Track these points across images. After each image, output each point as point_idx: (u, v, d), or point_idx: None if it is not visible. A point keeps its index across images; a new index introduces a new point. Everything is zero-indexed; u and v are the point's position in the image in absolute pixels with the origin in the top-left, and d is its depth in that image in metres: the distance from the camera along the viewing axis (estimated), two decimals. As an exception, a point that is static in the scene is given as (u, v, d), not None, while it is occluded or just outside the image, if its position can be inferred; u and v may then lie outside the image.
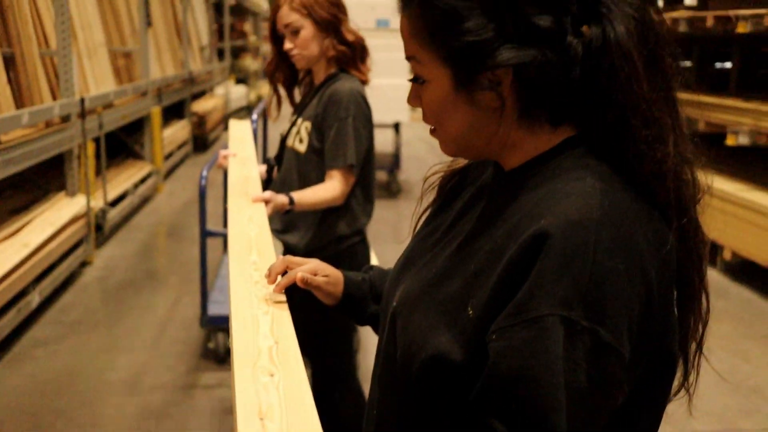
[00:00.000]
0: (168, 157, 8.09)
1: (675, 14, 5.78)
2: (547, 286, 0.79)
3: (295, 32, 2.24)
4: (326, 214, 2.32)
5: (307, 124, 2.31)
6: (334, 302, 1.25)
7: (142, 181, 6.85)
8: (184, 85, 9.26)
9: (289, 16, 2.23)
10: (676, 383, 0.92)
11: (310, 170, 2.31)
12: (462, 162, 1.10)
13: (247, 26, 16.49)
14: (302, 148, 2.31)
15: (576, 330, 0.77)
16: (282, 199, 2.13)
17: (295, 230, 2.38)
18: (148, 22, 7.26)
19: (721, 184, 5.15)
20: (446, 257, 0.97)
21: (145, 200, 6.86)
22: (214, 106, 10.73)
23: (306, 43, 2.24)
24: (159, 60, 8.35)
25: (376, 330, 1.25)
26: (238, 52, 15.68)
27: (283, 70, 2.35)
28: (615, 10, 0.87)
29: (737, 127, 4.97)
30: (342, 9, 2.29)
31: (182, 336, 3.89)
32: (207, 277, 3.56)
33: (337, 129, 2.25)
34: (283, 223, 2.39)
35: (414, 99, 0.98)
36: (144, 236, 5.91)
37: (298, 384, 0.93)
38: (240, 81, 14.86)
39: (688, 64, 8.43)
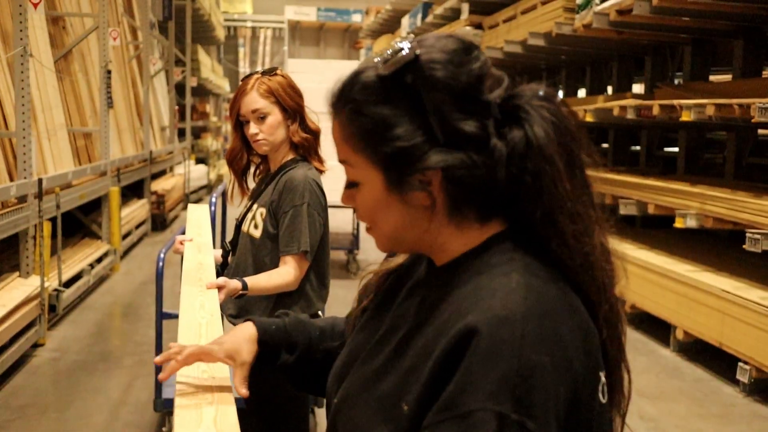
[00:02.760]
0: (126, 236, 8.04)
1: (623, 102, 6.02)
2: (476, 381, 0.82)
3: (263, 117, 2.30)
4: (280, 299, 2.33)
5: (263, 210, 2.35)
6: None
7: (99, 260, 6.78)
8: (143, 165, 9.29)
9: (257, 101, 2.29)
10: None
11: (265, 255, 2.33)
12: (398, 261, 1.13)
13: (209, 107, 16.67)
14: (257, 233, 2.34)
15: (506, 423, 0.80)
16: (235, 284, 2.14)
17: (248, 315, 2.39)
18: (110, 104, 7.32)
19: (672, 265, 5.27)
20: (384, 355, 0.99)
21: (101, 280, 6.77)
22: (173, 186, 10.74)
23: (272, 129, 2.30)
24: (119, 140, 8.39)
25: (293, 382, 1.29)
26: (198, 132, 15.80)
27: (242, 157, 2.40)
28: (534, 114, 0.93)
29: (685, 210, 5.13)
30: (302, 98, 2.36)
31: (135, 420, 3.81)
32: (162, 359, 3.52)
33: (292, 215, 2.29)
34: (237, 307, 2.40)
35: (348, 199, 1.02)
36: (99, 317, 5.81)
37: None
38: (200, 161, 14.94)
39: (605, 145, 8.73)
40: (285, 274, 2.26)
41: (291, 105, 2.31)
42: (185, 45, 13.31)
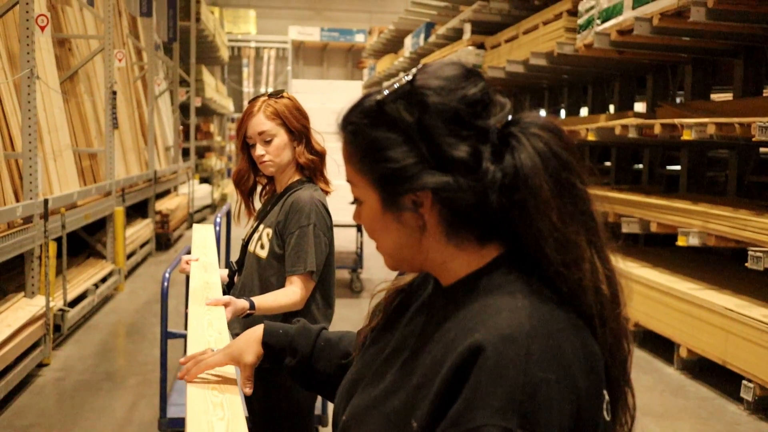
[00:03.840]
0: (130, 256, 8.07)
1: (625, 121, 6.06)
2: (483, 398, 0.85)
3: (269, 140, 2.33)
4: (286, 318, 2.36)
5: (269, 231, 2.38)
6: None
7: (103, 280, 6.81)
8: (148, 185, 9.33)
9: (264, 124, 2.32)
10: None
11: (271, 275, 2.36)
12: (407, 279, 1.16)
13: (213, 127, 16.75)
14: (263, 254, 2.37)
15: None
16: (242, 303, 2.17)
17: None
18: (115, 125, 7.38)
19: (675, 283, 5.29)
20: (393, 373, 1.02)
21: (105, 300, 6.79)
22: (177, 205, 10.79)
23: (279, 151, 2.33)
24: (124, 160, 8.44)
25: (300, 383, 1.36)
26: (203, 152, 15.88)
27: (249, 178, 2.43)
28: (525, 142, 0.95)
29: (688, 228, 5.15)
30: (308, 120, 2.40)
31: (139, 440, 3.83)
32: (167, 378, 3.53)
33: (298, 236, 2.32)
34: (244, 327, 2.42)
35: (357, 216, 1.07)
36: (103, 336, 5.83)
37: None
38: (204, 180, 15.00)
39: (607, 164, 8.74)
40: (291, 294, 2.29)
41: (297, 127, 2.34)
42: (189, 65, 13.42)
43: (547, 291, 0.94)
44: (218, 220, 3.77)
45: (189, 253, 2.69)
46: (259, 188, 2.51)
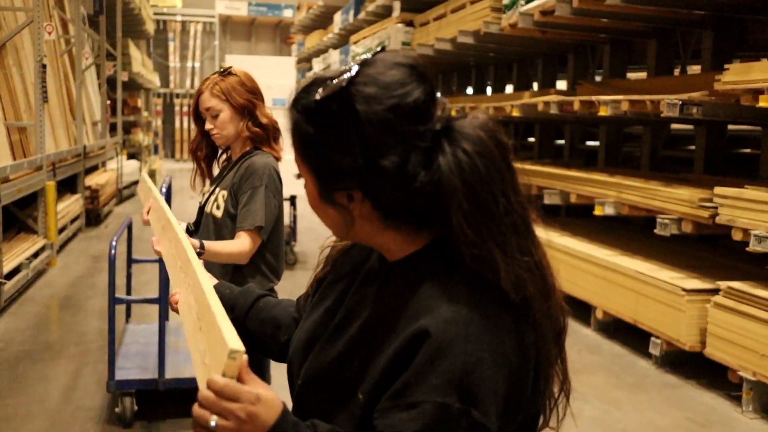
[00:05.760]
0: (61, 231, 8.04)
1: (545, 98, 6.37)
2: (425, 375, 0.95)
3: (215, 115, 2.52)
4: (238, 273, 2.54)
5: (224, 192, 2.56)
6: None
7: (35, 255, 6.81)
8: (77, 160, 9.26)
9: (209, 101, 2.51)
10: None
11: (226, 234, 2.54)
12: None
13: (140, 102, 16.52)
14: (219, 213, 2.55)
15: (451, 413, 0.94)
16: (194, 241, 2.31)
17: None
18: (45, 98, 7.32)
19: (592, 250, 5.65)
20: (345, 341, 1.09)
21: (38, 274, 6.80)
22: (107, 181, 10.72)
23: (224, 125, 2.52)
24: (53, 134, 8.36)
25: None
26: (129, 127, 15.67)
27: (204, 147, 2.61)
28: (448, 152, 1.01)
29: (603, 199, 5.51)
30: (258, 95, 2.58)
31: (87, 403, 3.95)
32: (114, 342, 3.67)
33: (250, 195, 2.51)
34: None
35: (305, 185, 1.12)
36: (39, 309, 5.87)
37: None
38: (132, 156, 14.84)
39: (531, 139, 9.09)
40: (238, 245, 2.46)
41: (240, 102, 2.53)
42: (116, 39, 13.21)
43: (480, 275, 1.02)
44: (164, 190, 3.90)
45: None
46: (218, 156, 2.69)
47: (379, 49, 1.11)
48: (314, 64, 17.01)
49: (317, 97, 1.03)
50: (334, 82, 1.03)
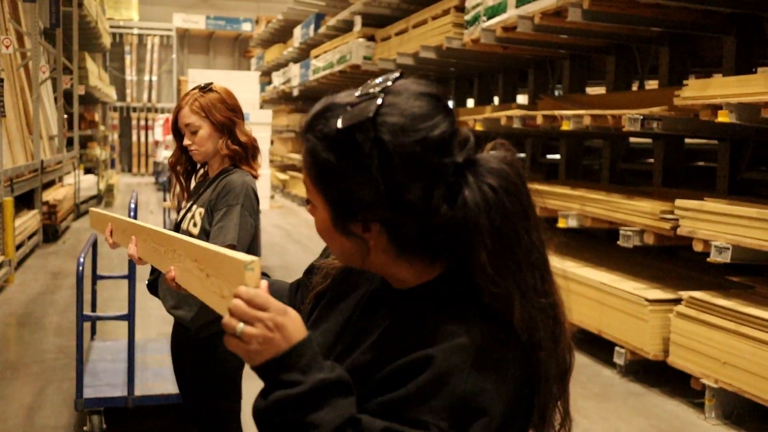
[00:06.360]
0: (18, 247, 7.89)
1: (508, 113, 6.47)
2: (425, 396, 0.95)
3: (194, 131, 2.50)
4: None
5: (201, 210, 2.54)
6: None
7: (-6, 271, 6.67)
8: (34, 175, 9.12)
9: (189, 117, 2.49)
10: None
11: None
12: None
13: (97, 116, 16.32)
14: (195, 231, 2.53)
15: None
16: None
17: (185, 306, 2.57)
18: (2, 113, 7.21)
19: (555, 262, 5.70)
20: (347, 366, 1.05)
21: (-3, 291, 6.67)
22: (64, 196, 10.56)
23: (203, 141, 2.51)
24: (10, 149, 8.22)
25: None
26: (86, 142, 15.46)
27: (184, 162, 2.60)
28: (474, 188, 0.99)
29: (567, 212, 5.60)
30: (238, 113, 2.57)
31: (52, 422, 3.88)
32: (82, 360, 3.61)
33: (225, 213, 2.49)
34: (176, 299, 2.58)
35: (311, 212, 1.09)
36: (-1, 327, 5.76)
37: None
38: (88, 171, 14.63)
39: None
40: None
41: (220, 120, 2.52)
42: (72, 52, 13.04)
43: (493, 309, 1.02)
44: (132, 205, 3.86)
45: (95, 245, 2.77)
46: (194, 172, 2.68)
47: (397, 74, 1.04)
48: (274, 78, 17.00)
49: (339, 125, 0.99)
50: (357, 109, 0.99)
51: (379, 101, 0.99)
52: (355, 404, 0.99)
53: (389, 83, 1.02)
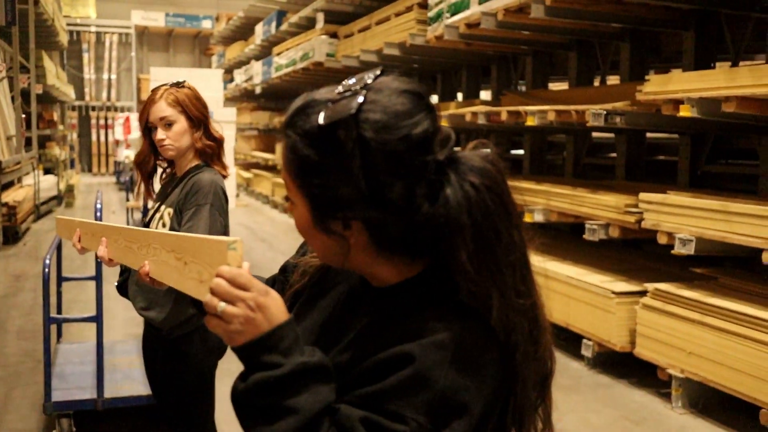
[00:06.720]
0: (-22, 250, 7.74)
1: (473, 108, 6.51)
2: (405, 391, 0.95)
3: (169, 125, 2.48)
4: (180, 294, 2.50)
5: (170, 210, 2.52)
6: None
7: (-47, 275, 6.53)
8: (-7, 176, 8.94)
9: (165, 110, 2.47)
10: None
11: None
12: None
13: (55, 115, 16.05)
14: (165, 231, 2.52)
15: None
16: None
17: (156, 307, 2.55)
18: (-41, 112, 7.05)
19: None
20: (331, 357, 1.04)
21: (-43, 295, 6.53)
22: (24, 197, 10.37)
23: (178, 136, 2.48)
24: (-33, 150, 8.06)
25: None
26: (45, 142, 15.19)
27: (150, 161, 2.57)
28: (456, 185, 0.98)
29: (533, 206, 5.66)
30: (207, 109, 2.57)
31: (20, 427, 3.82)
32: (50, 363, 3.56)
33: (194, 212, 2.47)
34: (146, 301, 2.56)
35: (289, 210, 1.09)
36: (-40, 332, 5.64)
37: None
38: (48, 171, 14.37)
39: (457, 149, 9.25)
40: None
41: (196, 114, 2.51)
42: (28, 51, 12.80)
43: (472, 307, 1.02)
44: (99, 205, 3.82)
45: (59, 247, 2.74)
46: (159, 171, 2.64)
47: (378, 71, 1.03)
48: (236, 75, 16.87)
49: (321, 121, 0.98)
50: (339, 105, 0.98)
51: (361, 98, 0.98)
52: (335, 391, 0.99)
53: (370, 80, 1.01)
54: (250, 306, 0.95)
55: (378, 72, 1.04)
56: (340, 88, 1.02)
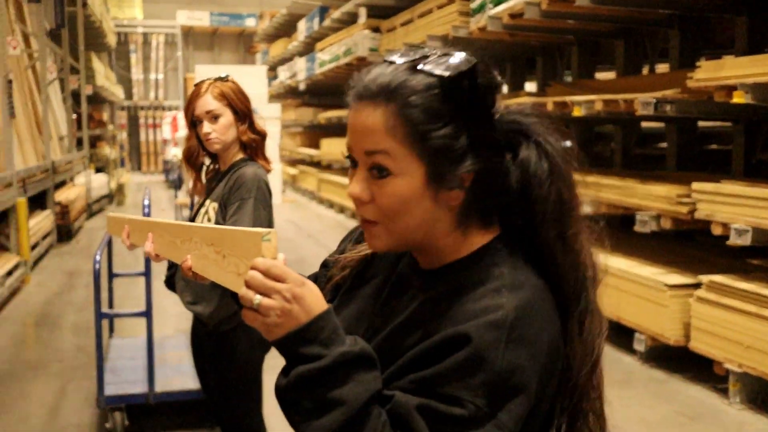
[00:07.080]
0: (33, 247, 7.91)
1: (519, 100, 6.43)
2: (461, 373, 0.93)
3: (216, 118, 2.49)
4: (224, 288, 2.51)
5: (215, 205, 2.53)
6: None
7: (9, 273, 6.69)
8: (46, 176, 9.14)
9: (211, 103, 2.48)
10: None
11: None
12: (366, 250, 1.20)
13: (105, 115, 16.36)
14: (206, 225, 2.53)
15: (480, 414, 0.92)
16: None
17: (202, 302, 2.56)
18: (12, 114, 7.22)
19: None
20: (376, 345, 1.03)
21: (13, 292, 6.68)
22: (76, 196, 10.58)
23: (225, 129, 2.49)
24: (21, 150, 8.24)
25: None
26: (95, 141, 15.50)
27: (198, 155, 2.58)
28: (544, 148, 1.05)
29: (581, 198, 5.56)
30: (250, 103, 2.57)
31: (75, 420, 3.89)
32: (102, 357, 3.62)
33: (238, 206, 2.48)
34: (193, 295, 2.58)
35: (364, 192, 1.02)
36: (17, 328, 5.78)
37: None
38: (99, 170, 14.66)
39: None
40: None
41: (241, 108, 2.51)
42: (78, 53, 13.07)
43: (533, 278, 1.02)
44: (146, 201, 3.86)
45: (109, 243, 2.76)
46: (203, 167, 2.66)
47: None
48: (279, 72, 16.97)
49: (446, 72, 0.98)
50: (453, 60, 1.00)
51: (464, 54, 1.01)
52: (380, 380, 0.97)
53: (437, 51, 1.03)
54: (286, 297, 0.93)
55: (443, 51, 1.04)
56: (417, 55, 1.02)
